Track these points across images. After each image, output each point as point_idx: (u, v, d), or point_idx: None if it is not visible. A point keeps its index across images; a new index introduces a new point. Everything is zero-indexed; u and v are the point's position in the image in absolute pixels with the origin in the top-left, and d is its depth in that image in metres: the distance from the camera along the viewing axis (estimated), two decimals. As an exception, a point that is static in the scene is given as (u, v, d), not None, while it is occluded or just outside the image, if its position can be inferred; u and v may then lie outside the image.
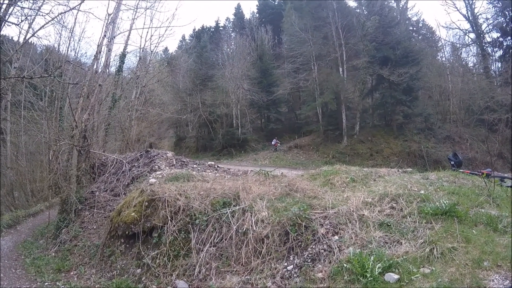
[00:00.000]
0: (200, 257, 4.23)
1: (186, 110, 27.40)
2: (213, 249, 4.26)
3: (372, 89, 24.64)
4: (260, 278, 3.61)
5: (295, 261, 3.57)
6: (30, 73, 10.57)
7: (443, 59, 28.62)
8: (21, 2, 8.20)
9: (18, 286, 5.87)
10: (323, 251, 3.48)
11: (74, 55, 17.58)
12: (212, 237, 4.33)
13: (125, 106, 15.38)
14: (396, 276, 2.93)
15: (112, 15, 10.54)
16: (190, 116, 27.26)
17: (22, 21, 8.68)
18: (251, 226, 4.12)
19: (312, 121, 27.07)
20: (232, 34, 39.74)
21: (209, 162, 9.33)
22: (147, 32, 23.09)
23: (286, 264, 3.62)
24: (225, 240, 4.24)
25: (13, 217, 10.95)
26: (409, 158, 20.24)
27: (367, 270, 3.00)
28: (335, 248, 3.44)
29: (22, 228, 10.36)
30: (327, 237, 3.63)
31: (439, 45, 29.99)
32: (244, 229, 4.18)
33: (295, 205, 4.20)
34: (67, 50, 16.91)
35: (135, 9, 13.67)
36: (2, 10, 8.25)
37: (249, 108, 27.06)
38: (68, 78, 12.24)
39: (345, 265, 3.17)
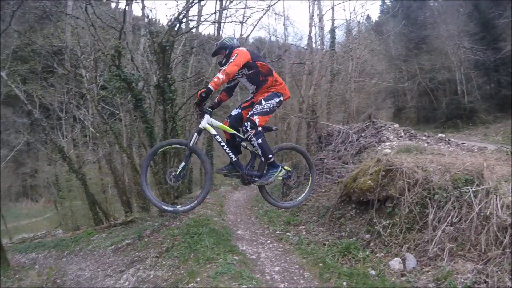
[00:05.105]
0: (436, 235, 5.15)
1: (402, 78, 29.40)
2: (449, 229, 5.09)
3: None
4: (497, 271, 4.17)
5: (544, 260, 3.97)
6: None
7: None
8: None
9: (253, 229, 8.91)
10: None
11: (285, 39, 22.34)
12: (450, 216, 5.16)
13: (343, 79, 18.14)
14: None
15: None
16: (408, 84, 29.13)
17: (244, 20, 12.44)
18: (495, 210, 4.68)
19: (559, 83, 22.34)
20: (435, -16, 36.42)
21: (439, 135, 9.97)
22: (349, 4, 25.55)
23: (531, 262, 4.06)
24: (464, 221, 4.98)
25: (247, 178, 15.88)
26: None
27: None
28: None
29: (255, 186, 14.81)
30: None
31: None
32: (487, 213, 4.78)
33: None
34: (285, 38, 21.89)
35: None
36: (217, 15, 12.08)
37: (474, 71, 25.76)
38: (289, 59, 15.66)
39: None
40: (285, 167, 4.99)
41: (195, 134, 4.49)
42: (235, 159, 4.70)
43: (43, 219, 23.23)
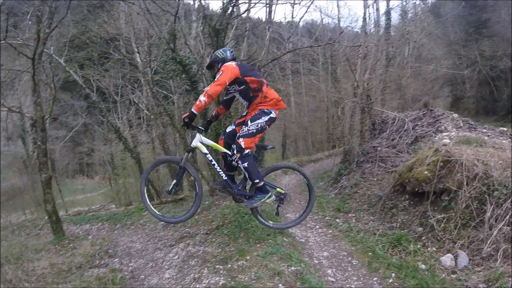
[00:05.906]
0: (491, 234, 4.96)
1: (461, 65, 27.68)
2: (506, 229, 4.90)
3: None
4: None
5: None
6: (308, 44, 14.41)
7: None
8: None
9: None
10: None
11: (338, 21, 23.19)
12: (508, 215, 4.97)
13: (399, 64, 17.64)
14: None
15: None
16: (467, 72, 27.68)
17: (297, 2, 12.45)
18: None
19: None
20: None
21: (500, 128, 9.51)
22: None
23: None
24: (522, 221, 4.77)
25: (297, 161, 16.22)
26: None
27: None
28: None
29: (304, 170, 15.05)
30: None
31: None
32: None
33: None
34: (338, 20, 21.97)
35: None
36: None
37: (538, 61, 24.16)
38: (342, 42, 15.53)
39: None
40: (278, 189, 5.13)
41: (186, 153, 4.75)
42: (225, 178, 4.85)
43: (98, 194, 25.10)
